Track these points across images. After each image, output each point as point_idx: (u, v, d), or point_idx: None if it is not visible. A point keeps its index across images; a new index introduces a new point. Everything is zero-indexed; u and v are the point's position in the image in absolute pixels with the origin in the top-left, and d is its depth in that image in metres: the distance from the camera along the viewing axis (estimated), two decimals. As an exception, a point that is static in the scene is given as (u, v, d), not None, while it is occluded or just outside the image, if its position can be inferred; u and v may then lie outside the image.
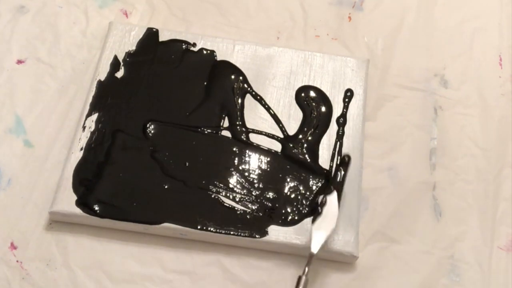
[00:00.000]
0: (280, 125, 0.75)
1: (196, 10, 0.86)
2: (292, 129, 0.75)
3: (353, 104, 0.77)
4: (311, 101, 0.77)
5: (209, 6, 0.86)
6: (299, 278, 0.64)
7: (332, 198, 0.68)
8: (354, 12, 0.87)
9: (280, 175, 0.71)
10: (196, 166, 0.71)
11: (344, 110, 0.76)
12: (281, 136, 0.74)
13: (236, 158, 0.72)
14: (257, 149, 0.73)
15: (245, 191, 0.70)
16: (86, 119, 0.73)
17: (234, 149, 0.73)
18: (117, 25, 0.80)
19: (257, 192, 0.70)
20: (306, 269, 0.64)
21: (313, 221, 0.67)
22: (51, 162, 0.73)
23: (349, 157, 0.70)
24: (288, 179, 0.71)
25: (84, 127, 0.73)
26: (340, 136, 0.74)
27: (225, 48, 0.80)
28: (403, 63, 0.83)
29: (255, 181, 0.71)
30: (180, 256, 0.68)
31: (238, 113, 0.75)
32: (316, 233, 0.65)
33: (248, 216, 0.69)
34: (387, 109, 0.79)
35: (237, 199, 0.70)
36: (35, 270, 0.66)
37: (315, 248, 0.65)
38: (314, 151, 0.73)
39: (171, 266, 0.68)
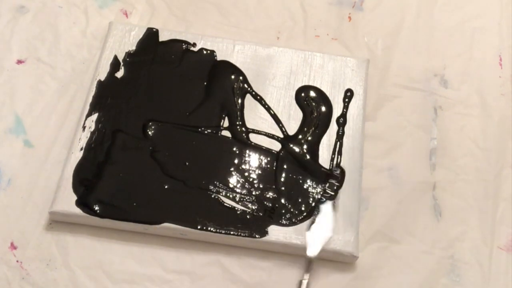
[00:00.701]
0: (280, 125, 0.75)
1: (196, 10, 0.86)
2: (292, 129, 0.75)
3: (353, 104, 0.77)
4: (311, 101, 0.77)
5: (209, 6, 0.86)
6: (300, 282, 0.65)
7: (327, 207, 0.69)
8: (354, 12, 0.87)
9: (280, 175, 0.71)
10: (196, 166, 0.71)
11: (344, 110, 0.76)
12: (281, 136, 0.74)
13: (236, 158, 0.72)
14: (257, 149, 0.73)
15: (245, 191, 0.70)
16: (86, 119, 0.73)
17: (234, 149, 0.73)
18: (117, 25, 0.80)
19: (257, 192, 0.70)
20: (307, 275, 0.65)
21: (308, 228, 0.67)
22: (51, 162, 0.72)
23: (342, 171, 0.71)
24: (288, 179, 0.71)
25: (84, 127, 0.73)
26: (340, 136, 0.74)
27: (225, 48, 0.80)
28: (403, 63, 0.83)
29: (255, 181, 0.71)
30: (180, 256, 0.68)
31: (238, 113, 0.75)
32: (311, 238, 0.66)
33: (248, 216, 0.69)
34: (387, 109, 0.79)
35: (237, 199, 0.70)
36: (35, 270, 0.66)
37: (311, 252, 0.66)
38: (314, 151, 0.73)
39: (171, 266, 0.68)
